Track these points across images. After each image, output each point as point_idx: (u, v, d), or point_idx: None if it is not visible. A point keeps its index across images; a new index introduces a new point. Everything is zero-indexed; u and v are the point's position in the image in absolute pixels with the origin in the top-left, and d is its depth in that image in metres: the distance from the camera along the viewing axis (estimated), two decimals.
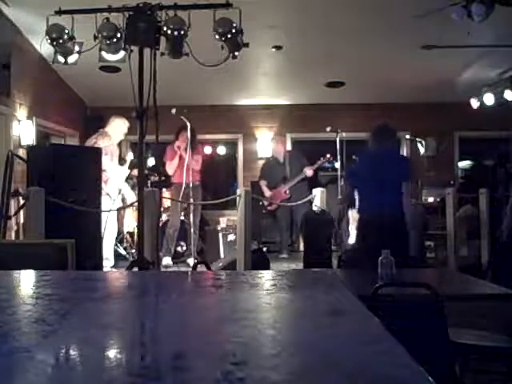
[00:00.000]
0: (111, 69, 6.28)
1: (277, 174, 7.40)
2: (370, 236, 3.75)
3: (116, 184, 6.02)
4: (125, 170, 6.32)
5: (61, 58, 3.70)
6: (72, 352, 0.83)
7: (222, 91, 7.87)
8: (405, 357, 0.74)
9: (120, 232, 6.89)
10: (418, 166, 7.40)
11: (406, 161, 4.48)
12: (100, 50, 3.57)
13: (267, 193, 7.40)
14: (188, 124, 5.98)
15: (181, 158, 6.34)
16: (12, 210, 4.96)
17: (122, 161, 6.42)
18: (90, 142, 5.96)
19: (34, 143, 6.11)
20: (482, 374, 2.86)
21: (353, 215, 7.60)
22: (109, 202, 5.80)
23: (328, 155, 7.15)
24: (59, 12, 3.44)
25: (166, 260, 6.20)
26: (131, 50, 3.35)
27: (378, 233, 3.63)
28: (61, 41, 3.51)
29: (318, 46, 6.45)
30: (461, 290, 2.80)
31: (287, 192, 7.25)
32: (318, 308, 1.15)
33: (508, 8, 4.71)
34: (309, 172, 7.13)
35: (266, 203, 7.37)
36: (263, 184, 7.50)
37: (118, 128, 6.07)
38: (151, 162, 7.45)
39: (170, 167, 6.41)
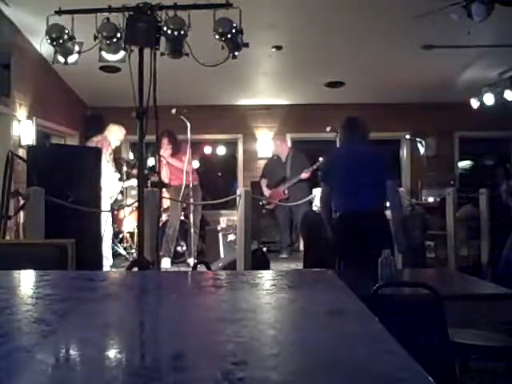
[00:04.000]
0: (111, 69, 6.28)
1: (277, 174, 7.43)
2: (346, 236, 3.57)
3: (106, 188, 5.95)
4: (117, 183, 6.32)
5: (61, 58, 3.70)
6: (72, 352, 0.83)
7: (222, 91, 7.87)
8: (405, 357, 0.73)
9: (120, 232, 6.89)
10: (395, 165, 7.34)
11: (385, 159, 3.87)
12: (100, 49, 3.57)
13: (266, 192, 7.43)
14: (188, 124, 5.98)
15: (169, 164, 6.42)
16: (12, 210, 4.95)
17: (120, 170, 6.45)
18: (91, 144, 6.02)
19: (34, 143, 6.12)
20: (482, 374, 2.86)
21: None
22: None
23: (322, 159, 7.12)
24: (59, 12, 3.44)
25: (166, 260, 6.19)
26: (131, 50, 3.35)
27: (354, 233, 3.47)
28: (61, 41, 3.51)
29: (317, 46, 6.44)
30: (461, 290, 2.80)
31: (286, 192, 7.28)
32: (318, 308, 1.15)
33: (508, 8, 4.71)
34: (303, 175, 7.14)
35: (264, 202, 7.39)
36: (263, 183, 7.53)
37: (114, 134, 6.21)
38: (151, 162, 7.44)
39: (163, 176, 6.47)
